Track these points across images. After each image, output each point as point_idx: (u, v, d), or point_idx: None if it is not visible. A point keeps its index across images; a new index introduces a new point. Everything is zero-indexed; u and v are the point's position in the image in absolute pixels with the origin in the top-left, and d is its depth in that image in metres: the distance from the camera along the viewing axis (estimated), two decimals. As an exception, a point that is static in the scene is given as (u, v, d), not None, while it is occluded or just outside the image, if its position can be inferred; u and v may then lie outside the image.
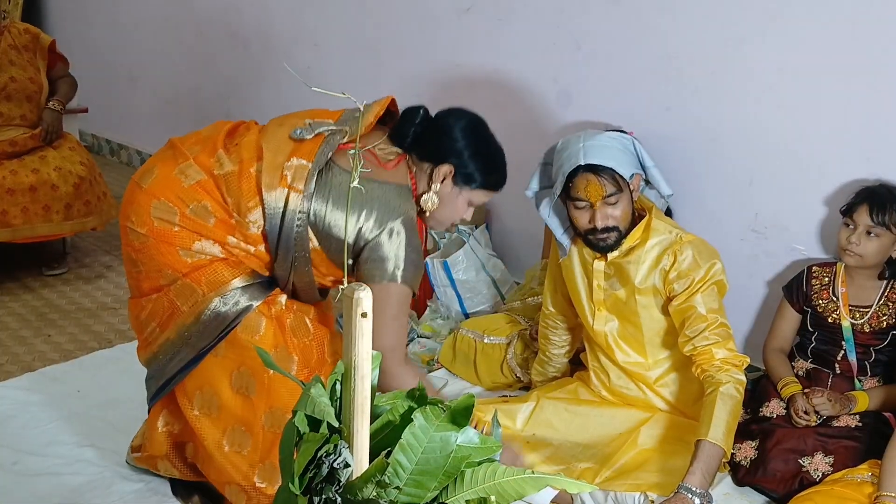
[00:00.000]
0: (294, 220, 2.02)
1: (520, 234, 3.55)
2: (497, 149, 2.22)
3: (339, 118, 2.15)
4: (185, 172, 2.07)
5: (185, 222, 2.05)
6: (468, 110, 2.21)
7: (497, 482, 1.14)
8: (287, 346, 2.10)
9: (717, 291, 2.37)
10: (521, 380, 2.98)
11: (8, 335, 3.34)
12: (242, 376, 2.07)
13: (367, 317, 1.07)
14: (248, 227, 2.05)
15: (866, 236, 2.45)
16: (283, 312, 2.10)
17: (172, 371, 2.11)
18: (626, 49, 3.09)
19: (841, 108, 2.62)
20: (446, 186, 2.14)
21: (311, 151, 2.04)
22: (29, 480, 2.43)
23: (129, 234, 2.10)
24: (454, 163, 2.12)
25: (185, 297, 2.05)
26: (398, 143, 2.14)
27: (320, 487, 1.08)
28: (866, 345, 2.54)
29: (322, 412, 1.07)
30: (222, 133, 2.15)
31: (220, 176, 2.06)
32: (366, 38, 4.02)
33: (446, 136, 2.13)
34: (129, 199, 2.13)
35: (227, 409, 2.09)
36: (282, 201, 2.02)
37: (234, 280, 2.05)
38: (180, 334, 2.06)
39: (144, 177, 2.11)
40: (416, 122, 2.13)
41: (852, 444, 2.39)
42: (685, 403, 2.54)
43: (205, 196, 2.05)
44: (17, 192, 3.65)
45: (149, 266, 2.08)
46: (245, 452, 2.11)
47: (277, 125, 2.13)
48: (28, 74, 3.89)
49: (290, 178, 2.02)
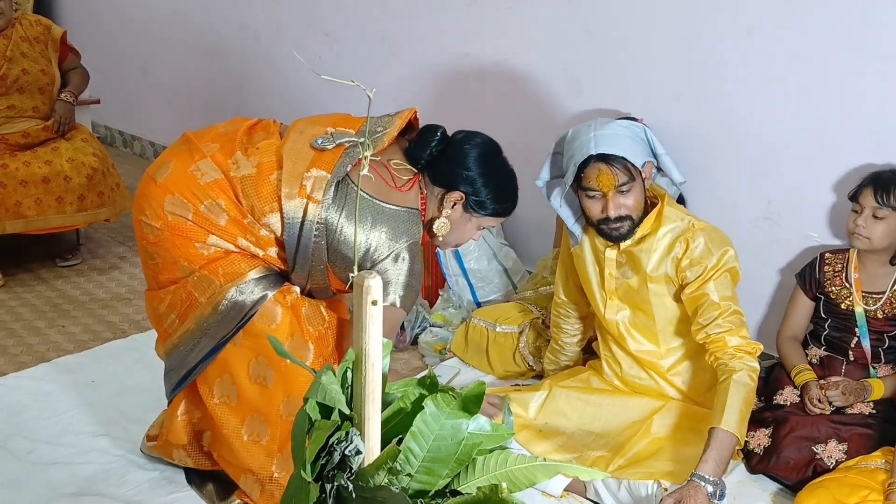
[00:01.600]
0: (312, 231, 2.03)
1: (531, 223, 3.54)
2: (509, 176, 2.22)
3: (360, 128, 2.15)
4: (201, 169, 2.07)
5: (198, 218, 2.05)
6: (484, 135, 2.21)
7: (509, 469, 1.14)
8: (303, 334, 2.11)
9: (729, 279, 2.36)
10: (533, 368, 2.98)
11: (22, 326, 3.36)
12: (260, 365, 2.08)
13: (377, 304, 1.07)
14: (261, 229, 2.07)
15: (873, 219, 2.46)
16: (298, 301, 2.11)
17: (193, 361, 2.12)
18: (637, 37, 3.07)
19: (853, 94, 2.60)
20: (457, 212, 2.16)
21: (331, 162, 2.05)
22: (43, 469, 2.45)
23: (143, 227, 2.11)
24: (466, 190, 2.13)
25: (202, 289, 2.06)
26: (413, 162, 2.15)
27: (332, 474, 1.08)
28: (880, 331, 2.53)
29: (333, 399, 1.07)
30: (241, 131, 2.14)
31: (237, 178, 2.06)
32: (376, 27, 4.01)
33: (460, 163, 2.13)
34: (143, 193, 2.13)
35: (245, 398, 2.10)
36: (300, 211, 2.03)
37: (251, 272, 2.06)
38: (199, 325, 2.08)
39: (159, 171, 2.12)
40: (432, 144, 2.13)
41: (866, 431, 2.39)
42: (698, 392, 2.53)
43: (220, 194, 2.06)
44: (30, 184, 3.66)
45: (165, 258, 2.09)
46: (263, 442, 2.12)
47: (299, 132, 2.12)
48: (40, 66, 3.90)
49: (309, 188, 2.03)
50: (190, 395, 2.26)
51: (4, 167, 3.64)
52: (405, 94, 3.86)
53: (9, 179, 3.63)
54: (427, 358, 3.21)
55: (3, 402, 2.77)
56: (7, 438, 2.58)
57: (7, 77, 3.79)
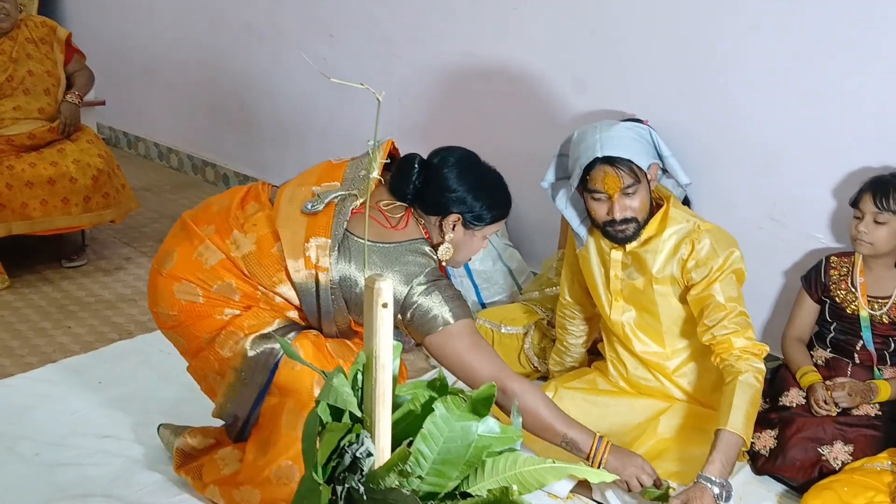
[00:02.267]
0: (329, 296, 2.06)
1: (536, 223, 3.54)
2: (494, 180, 2.22)
3: (343, 176, 2.17)
4: (203, 255, 2.11)
5: (209, 297, 2.09)
6: (457, 150, 2.20)
7: (518, 471, 1.14)
8: (328, 367, 2.09)
9: (735, 280, 2.36)
10: (538, 370, 2.99)
11: (28, 327, 3.37)
12: (291, 415, 2.08)
13: (387, 307, 1.08)
14: (275, 298, 2.09)
15: (874, 224, 2.46)
16: (320, 339, 2.13)
17: (244, 413, 2.14)
18: (640, 37, 3.08)
19: (857, 94, 2.60)
20: (458, 233, 2.16)
21: (327, 226, 2.06)
22: (50, 471, 2.45)
23: (160, 317, 2.16)
24: (460, 210, 2.14)
25: (230, 345, 2.08)
26: (399, 198, 2.16)
27: (343, 476, 1.09)
28: (885, 335, 2.53)
29: (345, 402, 1.08)
30: (234, 206, 2.16)
31: (239, 258, 2.09)
32: (380, 28, 4.02)
33: (444, 189, 2.13)
34: (153, 286, 2.17)
35: (278, 445, 2.10)
36: (312, 281, 2.06)
37: (276, 321, 2.09)
38: (237, 375, 2.09)
39: (164, 262, 2.15)
40: (413, 178, 2.13)
41: (872, 432, 2.39)
42: (703, 393, 2.54)
43: (227, 275, 2.09)
44: (36, 185, 3.67)
45: (188, 336, 2.14)
46: (292, 484, 2.11)
47: (288, 201, 2.13)
48: (45, 68, 3.91)
49: (314, 258, 2.05)
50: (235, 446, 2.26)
51: (10, 168, 3.65)
52: (409, 94, 3.87)
53: (15, 181, 3.64)
54: (431, 359, 3.20)
55: (10, 403, 2.77)
56: (14, 440, 2.58)
57: (13, 78, 3.80)
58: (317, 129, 4.48)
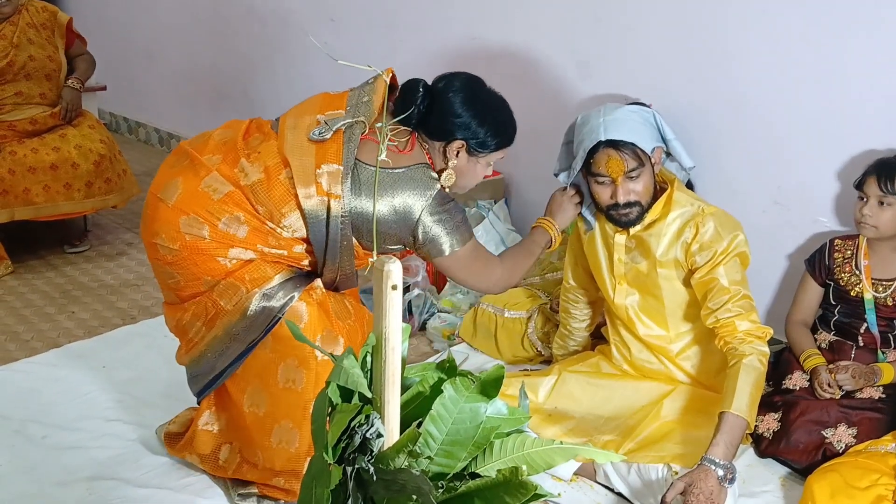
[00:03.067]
0: (338, 225, 2.04)
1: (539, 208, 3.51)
2: (499, 106, 2.21)
3: (346, 105, 2.14)
4: (212, 186, 2.06)
5: (216, 235, 2.05)
6: (462, 75, 2.20)
7: (526, 452, 1.15)
8: (333, 328, 2.11)
9: (739, 263, 2.36)
10: (541, 353, 2.99)
11: (33, 312, 3.38)
12: (289, 368, 2.08)
13: (396, 289, 1.08)
14: (282, 232, 2.07)
15: (879, 207, 2.46)
16: (324, 298, 2.12)
17: (222, 366, 2.12)
18: (646, 20, 3.06)
19: (865, 78, 2.60)
20: (462, 159, 2.16)
21: (338, 153, 2.04)
22: (58, 454, 2.47)
23: (158, 249, 2.09)
24: (464, 136, 2.13)
25: (228, 296, 2.06)
26: (404, 123, 2.14)
27: (353, 457, 1.09)
28: (889, 318, 2.54)
29: (355, 383, 1.08)
30: (238, 137, 2.13)
31: (248, 186, 2.06)
32: (382, 12, 4.00)
33: (449, 113, 2.13)
34: (153, 216, 2.10)
35: (275, 404, 2.10)
36: (323, 209, 2.04)
37: (277, 276, 2.07)
38: (227, 331, 2.07)
39: (167, 191, 2.09)
40: (417, 102, 2.11)
41: (876, 415, 2.40)
42: (707, 376, 2.54)
43: (235, 208, 2.05)
44: (38, 171, 3.67)
45: (186, 276, 2.09)
46: (292, 449, 2.12)
47: (292, 128, 2.10)
48: (47, 53, 3.90)
49: (325, 185, 2.03)
50: (215, 405, 2.26)
51: (13, 154, 3.65)
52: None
53: (17, 166, 3.64)
54: (435, 343, 3.22)
55: (17, 387, 2.79)
56: (22, 423, 2.60)
57: (14, 64, 3.79)
58: (319, 113, 4.47)
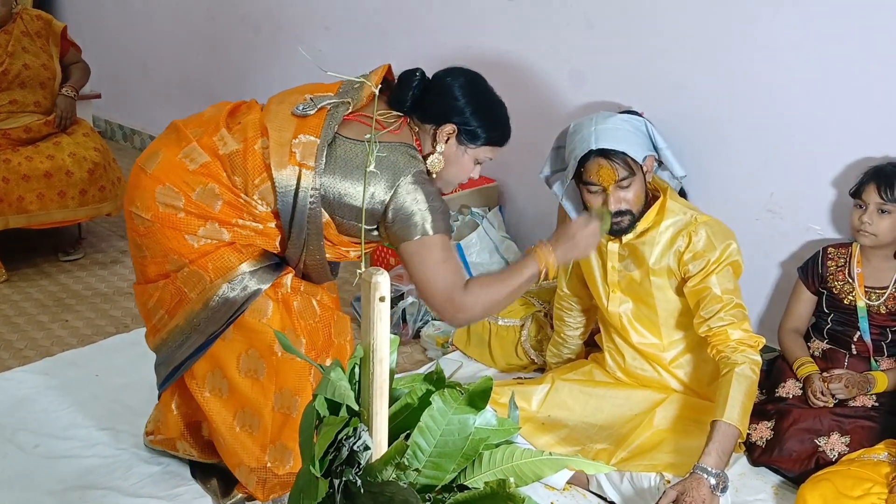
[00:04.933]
0: (307, 198, 2.01)
1: (533, 216, 3.54)
2: (498, 103, 2.19)
3: (338, 90, 2.14)
4: (190, 156, 2.06)
5: (191, 206, 2.04)
6: (465, 68, 2.19)
7: (515, 464, 1.15)
8: (294, 328, 2.10)
9: (732, 272, 2.36)
10: (535, 362, 2.99)
11: (26, 320, 3.37)
12: (251, 359, 2.08)
13: (385, 301, 1.08)
14: (256, 206, 2.05)
15: (878, 214, 2.45)
16: (289, 295, 2.10)
17: (182, 357, 2.12)
18: (639, 28, 3.07)
19: (856, 86, 2.60)
20: (451, 146, 2.12)
21: (317, 126, 2.03)
22: (49, 463, 2.46)
23: (133, 218, 2.09)
24: (457, 122, 2.10)
25: (192, 285, 2.05)
26: (397, 108, 2.13)
27: (340, 470, 1.09)
28: (883, 326, 2.54)
29: (342, 395, 1.08)
30: (224, 113, 2.14)
31: (225, 156, 2.05)
32: (376, 20, 4.01)
33: (446, 95, 2.11)
34: (133, 184, 2.11)
35: (236, 391, 2.11)
36: (293, 179, 2.01)
37: (242, 265, 2.04)
38: (189, 321, 2.07)
39: (149, 161, 2.10)
40: (413, 85, 2.10)
41: (868, 423, 2.40)
42: (700, 384, 2.54)
43: (210, 179, 2.04)
44: (32, 178, 3.67)
45: (154, 251, 2.08)
46: (255, 434, 2.13)
47: (278, 102, 2.12)
48: (41, 61, 3.90)
49: (299, 155, 2.00)
50: (181, 389, 2.26)
51: (7, 162, 3.65)
52: (406, 87, 3.86)
53: (11, 174, 3.63)
54: (429, 351, 3.21)
55: (9, 396, 2.78)
56: (13, 432, 2.59)
57: (9, 72, 3.79)
58: (313, 121, 4.47)
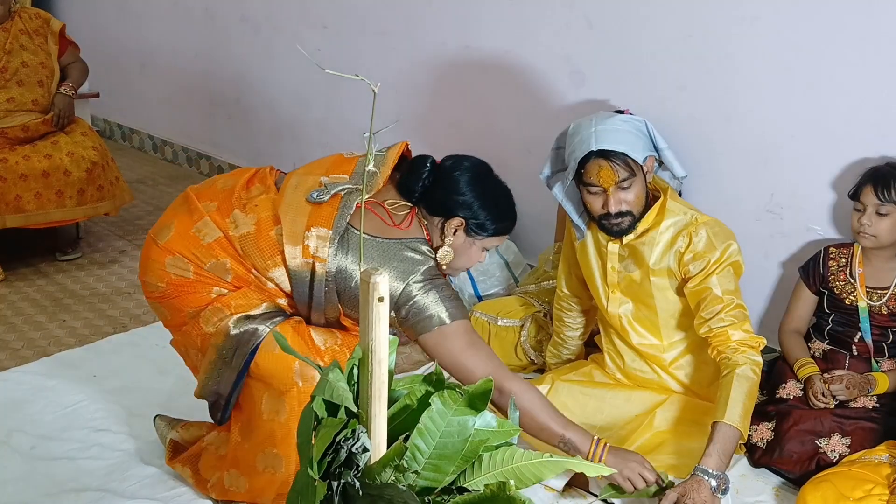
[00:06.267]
0: (322, 286, 2.05)
1: (533, 217, 3.53)
2: (504, 194, 2.22)
3: (353, 171, 2.16)
4: (202, 230, 2.09)
5: (201, 274, 2.07)
6: (472, 158, 2.21)
7: (515, 466, 1.14)
8: (310, 355, 2.08)
9: (732, 273, 2.36)
10: (535, 362, 2.98)
11: (23, 320, 3.35)
12: (271, 400, 2.07)
13: (383, 301, 1.07)
14: (267, 283, 2.08)
15: (877, 216, 2.45)
16: (302, 325, 2.11)
17: (226, 391, 2.12)
18: (640, 28, 3.06)
19: (857, 86, 2.59)
20: (459, 238, 2.15)
21: (330, 217, 2.05)
22: (46, 465, 2.44)
23: (147, 286, 2.15)
24: (464, 215, 2.13)
25: (212, 321, 2.06)
26: (406, 196, 2.15)
27: (339, 472, 1.08)
28: (884, 326, 2.53)
29: (341, 397, 1.07)
30: (239, 186, 2.15)
31: (236, 238, 2.07)
32: (375, 20, 4.00)
33: (453, 190, 2.13)
34: (146, 255, 2.16)
35: (261, 431, 2.10)
36: (307, 271, 2.04)
37: (263, 304, 2.07)
38: (219, 353, 2.08)
39: (161, 233, 2.14)
40: (423, 176, 2.13)
41: (869, 425, 2.39)
42: (700, 385, 2.53)
43: (223, 254, 2.07)
44: (30, 178, 3.66)
45: (172, 309, 2.13)
46: (279, 474, 2.11)
47: (293, 187, 2.12)
48: (39, 59, 3.89)
49: (312, 248, 2.03)
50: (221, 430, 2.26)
51: (4, 161, 3.63)
52: (405, 87, 3.85)
53: (8, 173, 3.62)
54: (429, 352, 3.20)
55: (5, 397, 2.76)
56: (9, 434, 2.57)
57: (6, 70, 3.78)
58: (312, 121, 4.47)
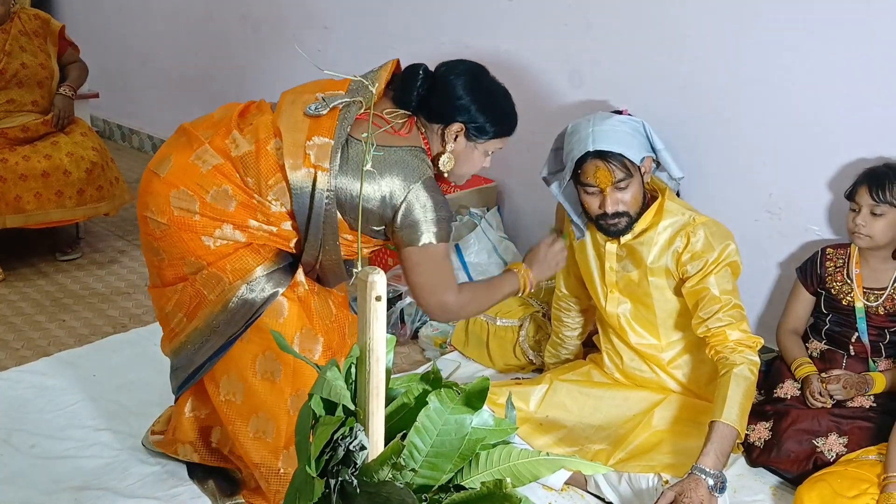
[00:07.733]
0: (323, 199, 2.02)
1: (531, 216, 3.54)
2: (503, 94, 2.20)
3: (348, 88, 2.14)
4: (202, 158, 2.06)
5: (206, 210, 2.04)
6: (466, 61, 2.19)
7: (512, 464, 1.14)
8: (313, 327, 2.10)
9: (730, 273, 2.36)
10: (533, 362, 2.99)
11: (23, 320, 3.36)
12: (267, 360, 2.07)
13: (381, 300, 1.07)
14: (270, 206, 2.05)
15: (872, 216, 2.45)
16: (307, 294, 2.11)
17: (201, 359, 2.11)
18: (638, 28, 3.07)
19: (855, 87, 2.60)
20: (460, 144, 2.14)
21: (331, 128, 2.03)
22: (46, 463, 2.45)
23: (148, 223, 2.09)
24: (463, 120, 2.11)
25: (211, 286, 2.05)
26: (403, 107, 2.14)
27: (336, 470, 1.09)
28: (881, 327, 2.53)
29: (338, 395, 1.07)
30: (234, 114, 2.14)
31: (238, 157, 2.05)
32: (375, 19, 4.01)
33: (450, 95, 2.11)
34: (145, 189, 2.11)
35: (251, 394, 2.09)
36: (309, 181, 2.02)
37: (258, 267, 2.05)
38: (208, 323, 2.06)
39: (161, 165, 2.10)
40: (417, 84, 2.12)
41: (866, 424, 2.39)
42: (698, 385, 2.54)
43: (224, 180, 2.04)
44: (29, 178, 3.66)
45: (171, 254, 2.08)
46: (269, 439, 2.11)
47: (290, 103, 2.12)
48: (39, 60, 3.90)
49: (313, 157, 2.01)
50: (197, 393, 2.25)
51: (4, 161, 3.64)
52: (405, 87, 3.85)
53: (8, 174, 3.63)
54: (427, 352, 3.21)
55: (5, 396, 2.77)
56: (9, 433, 2.58)
57: (6, 71, 3.79)
58: (312, 121, 4.47)
